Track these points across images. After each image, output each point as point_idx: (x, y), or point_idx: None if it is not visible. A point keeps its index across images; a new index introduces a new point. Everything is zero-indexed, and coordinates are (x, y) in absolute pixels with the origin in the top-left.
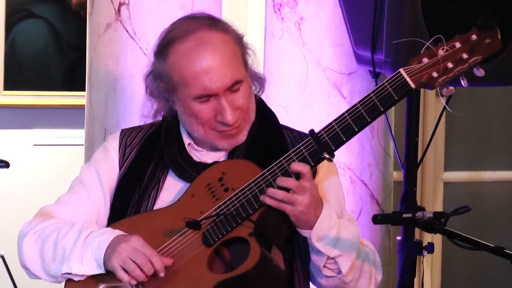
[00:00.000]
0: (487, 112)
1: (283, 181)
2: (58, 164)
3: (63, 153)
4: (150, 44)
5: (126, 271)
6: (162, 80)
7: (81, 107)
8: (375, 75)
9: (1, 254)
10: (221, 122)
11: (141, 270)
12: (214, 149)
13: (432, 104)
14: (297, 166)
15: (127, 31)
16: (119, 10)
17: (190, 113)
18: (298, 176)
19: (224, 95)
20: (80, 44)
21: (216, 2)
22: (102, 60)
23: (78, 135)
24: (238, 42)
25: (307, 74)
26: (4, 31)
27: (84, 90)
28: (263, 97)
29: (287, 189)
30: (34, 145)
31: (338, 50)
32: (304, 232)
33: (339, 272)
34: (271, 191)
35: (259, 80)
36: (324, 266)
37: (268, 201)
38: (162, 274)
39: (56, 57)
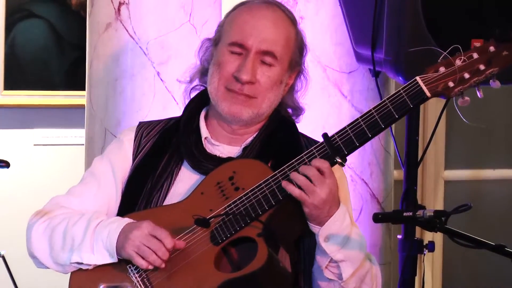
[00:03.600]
0: (488, 110)
1: (306, 169)
2: (59, 164)
3: (64, 153)
4: (150, 44)
5: (142, 257)
6: (216, 35)
7: (82, 106)
8: (375, 74)
9: (1, 254)
10: (236, 77)
11: (157, 255)
12: (229, 140)
13: (432, 103)
14: (316, 162)
15: (127, 31)
16: (119, 9)
17: (217, 61)
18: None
19: (255, 56)
20: (80, 43)
21: (216, 1)
22: (102, 59)
23: (78, 134)
24: (298, 42)
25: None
26: (4, 31)
27: (84, 90)
28: None
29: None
30: (35, 145)
31: (338, 49)
32: (313, 227)
33: (340, 277)
34: (293, 175)
35: (298, 110)
36: (326, 267)
37: (288, 187)
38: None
39: (56, 57)
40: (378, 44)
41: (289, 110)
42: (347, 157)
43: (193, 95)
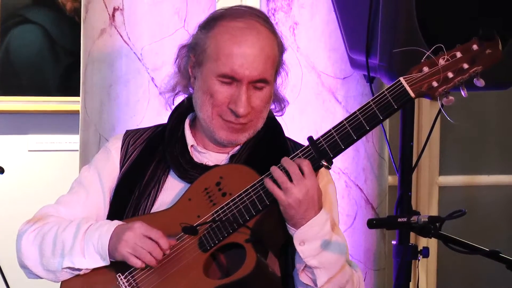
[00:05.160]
0: (482, 116)
1: (287, 162)
2: (53, 170)
3: (58, 158)
4: (145, 49)
5: (137, 257)
6: (195, 52)
7: (76, 112)
8: (370, 80)
9: None
10: (232, 110)
11: (151, 255)
12: (216, 148)
13: (427, 108)
14: (298, 161)
15: (121, 36)
16: (113, 15)
17: (207, 90)
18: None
19: (247, 86)
20: (75, 49)
21: (211, 7)
22: (97, 65)
23: (73, 140)
24: (280, 51)
25: (302, 78)
26: None
27: (79, 96)
28: None
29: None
30: (29, 150)
31: (332, 54)
32: (290, 229)
33: (315, 283)
34: (273, 169)
35: (281, 102)
36: (302, 271)
37: (266, 182)
38: (167, 252)
39: (50, 63)
40: (373, 50)
41: (273, 105)
42: (334, 160)
43: (176, 102)
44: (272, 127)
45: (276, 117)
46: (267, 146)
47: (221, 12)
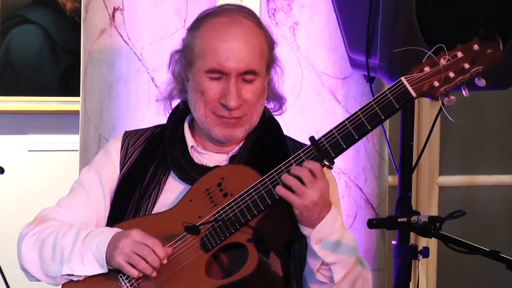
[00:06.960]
0: (482, 116)
1: (297, 169)
2: (53, 170)
3: (58, 158)
4: (145, 49)
5: (132, 266)
6: (185, 53)
7: (76, 112)
8: (370, 80)
9: None
10: (223, 104)
11: (146, 262)
12: (216, 148)
13: (427, 108)
14: (308, 164)
15: (121, 36)
16: (113, 15)
17: (198, 88)
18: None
19: (236, 79)
20: (75, 49)
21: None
22: (97, 65)
23: (73, 140)
24: (269, 45)
25: (302, 78)
26: None
27: (79, 96)
28: None
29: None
30: (29, 150)
31: (332, 54)
32: (305, 230)
33: (332, 279)
34: (284, 177)
35: (279, 99)
36: (317, 270)
37: (278, 189)
38: (164, 262)
39: (50, 63)
40: (373, 49)
41: (271, 104)
42: (335, 160)
43: (174, 105)
44: (271, 126)
45: (276, 117)
46: (267, 145)
47: (206, 11)
